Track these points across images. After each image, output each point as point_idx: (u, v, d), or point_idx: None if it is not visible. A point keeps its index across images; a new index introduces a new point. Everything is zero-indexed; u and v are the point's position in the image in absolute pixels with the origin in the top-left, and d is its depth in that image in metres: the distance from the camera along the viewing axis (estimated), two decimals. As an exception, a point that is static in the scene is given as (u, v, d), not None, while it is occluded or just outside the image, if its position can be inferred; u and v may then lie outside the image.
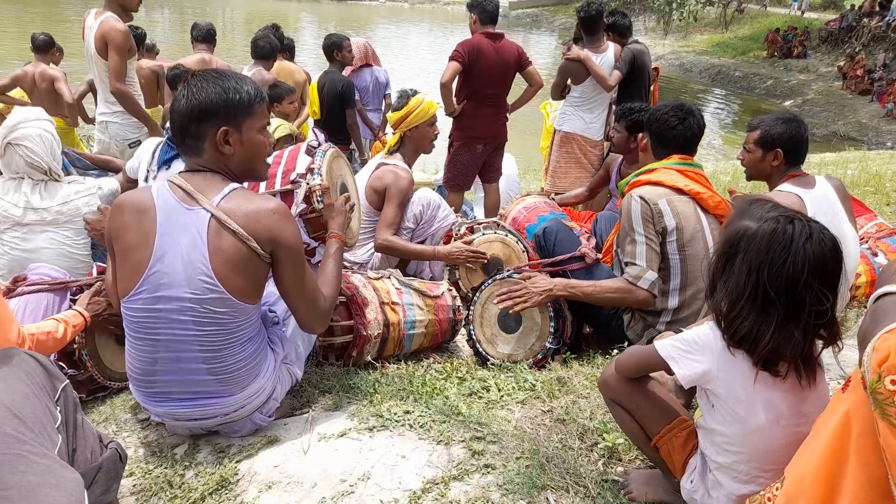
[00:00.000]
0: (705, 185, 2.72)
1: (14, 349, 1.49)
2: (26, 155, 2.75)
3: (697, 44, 24.30)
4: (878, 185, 5.87)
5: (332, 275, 2.16)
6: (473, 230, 3.35)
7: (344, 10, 37.65)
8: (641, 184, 2.70)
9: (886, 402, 1.06)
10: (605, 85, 4.87)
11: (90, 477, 1.42)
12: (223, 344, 1.88)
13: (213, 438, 2.08)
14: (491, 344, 2.84)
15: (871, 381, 1.09)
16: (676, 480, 1.75)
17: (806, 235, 1.44)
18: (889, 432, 1.06)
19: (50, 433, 1.33)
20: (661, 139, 2.81)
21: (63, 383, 1.48)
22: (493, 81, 4.57)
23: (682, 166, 2.74)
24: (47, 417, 1.36)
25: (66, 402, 1.45)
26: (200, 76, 1.90)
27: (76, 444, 1.43)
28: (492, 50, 4.50)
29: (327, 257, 2.22)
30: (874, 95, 15.20)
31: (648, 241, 2.56)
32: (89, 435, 1.50)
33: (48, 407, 1.38)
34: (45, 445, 1.28)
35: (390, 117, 3.43)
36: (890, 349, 1.07)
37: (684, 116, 2.77)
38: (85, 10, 4.61)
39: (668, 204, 2.59)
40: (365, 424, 2.08)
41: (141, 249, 1.84)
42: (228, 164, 1.93)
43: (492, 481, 1.81)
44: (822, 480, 1.22)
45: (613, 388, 1.80)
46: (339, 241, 2.28)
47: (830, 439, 1.23)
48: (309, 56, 15.95)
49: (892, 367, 1.06)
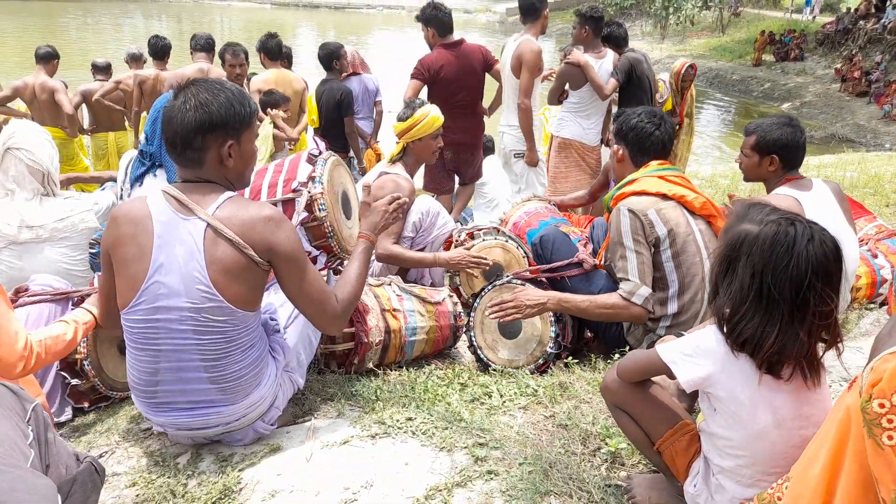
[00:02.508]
0: (688, 188, 2.73)
1: None
2: (27, 157, 2.74)
3: (694, 48, 24.37)
4: (877, 186, 5.88)
5: (353, 276, 2.13)
6: (474, 236, 3.35)
7: (342, 18, 37.78)
8: (626, 196, 2.69)
9: (873, 422, 1.10)
10: (601, 94, 4.87)
11: (65, 490, 1.40)
12: (224, 352, 1.88)
13: (215, 447, 2.08)
14: (492, 350, 2.84)
15: (863, 400, 1.12)
16: (680, 485, 1.74)
17: (808, 237, 1.45)
18: (874, 451, 1.09)
19: (22, 448, 1.33)
20: (640, 147, 2.80)
21: (33, 404, 1.47)
22: (461, 89, 4.59)
23: (662, 172, 2.75)
24: (18, 434, 1.35)
25: (37, 421, 1.45)
26: (202, 87, 1.88)
27: (49, 461, 1.43)
28: (454, 60, 4.53)
29: (353, 258, 2.21)
30: (871, 97, 15.24)
31: (639, 255, 2.56)
32: (62, 451, 1.49)
33: (18, 426, 1.38)
34: (17, 458, 1.28)
35: (396, 127, 3.43)
36: (885, 373, 1.10)
37: (659, 122, 2.79)
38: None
39: (657, 212, 2.59)
40: (367, 432, 2.08)
41: (138, 261, 1.84)
42: (227, 175, 1.94)
43: (495, 487, 1.81)
44: (824, 480, 1.24)
45: (615, 393, 1.80)
46: (368, 241, 2.26)
47: (833, 438, 1.24)
48: (308, 65, 15.99)
49: (881, 392, 1.09)
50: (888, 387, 1.09)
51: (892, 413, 1.08)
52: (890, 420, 1.08)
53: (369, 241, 2.27)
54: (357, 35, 28.32)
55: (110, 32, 23.85)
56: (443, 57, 4.55)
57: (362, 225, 2.31)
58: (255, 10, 37.62)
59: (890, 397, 1.08)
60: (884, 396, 1.09)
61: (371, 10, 41.08)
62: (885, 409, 1.09)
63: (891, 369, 1.10)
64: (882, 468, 1.09)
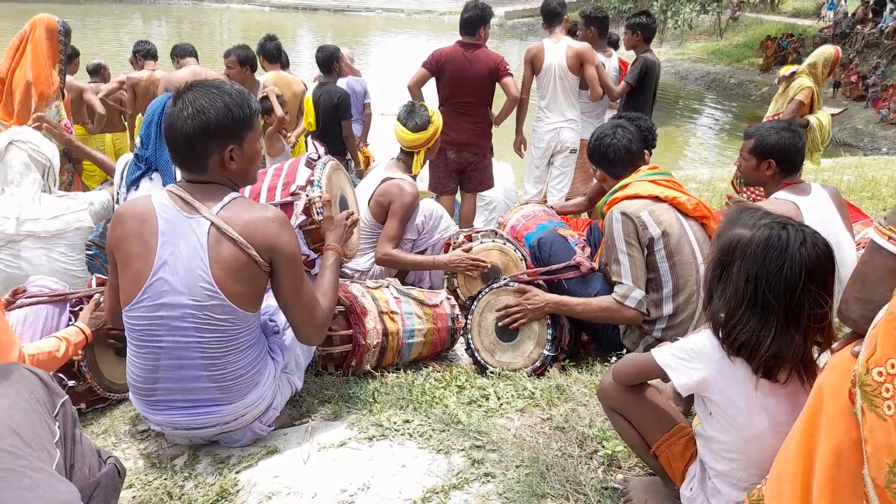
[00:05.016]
0: (679, 190, 2.77)
1: (15, 364, 1.50)
2: (31, 149, 2.81)
3: (692, 51, 24.40)
4: (874, 190, 5.90)
5: (328, 286, 2.16)
6: (472, 238, 3.36)
7: (341, 20, 37.78)
8: (620, 200, 2.74)
9: (874, 393, 1.11)
10: (611, 95, 4.95)
11: (88, 493, 1.42)
12: (224, 351, 1.89)
13: (212, 449, 2.08)
14: (489, 352, 2.85)
15: (860, 374, 1.13)
16: (676, 488, 1.75)
17: (800, 240, 1.46)
18: (877, 423, 1.10)
19: (48, 448, 1.34)
20: (607, 161, 2.90)
21: (62, 399, 1.48)
22: (465, 90, 4.61)
23: (653, 176, 2.81)
24: (45, 433, 1.36)
25: (65, 418, 1.46)
26: (200, 92, 1.88)
27: (74, 460, 1.44)
28: (463, 59, 4.55)
29: (324, 269, 2.23)
30: (869, 101, 15.25)
31: (633, 258, 2.59)
32: (87, 450, 1.51)
33: (47, 423, 1.39)
34: (43, 460, 1.28)
35: (414, 138, 3.41)
36: (876, 344, 1.12)
37: (613, 130, 2.89)
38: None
39: (650, 214, 2.62)
40: (364, 434, 2.08)
41: (142, 258, 1.86)
42: (231, 177, 1.95)
43: (492, 490, 1.81)
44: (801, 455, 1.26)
45: (612, 396, 1.81)
46: (336, 253, 2.29)
47: (804, 413, 1.29)
48: (308, 67, 15.99)
49: (877, 361, 1.11)
50: (882, 354, 1.11)
51: (889, 381, 1.09)
52: (888, 389, 1.09)
53: (337, 253, 2.29)
54: (352, 36, 28.32)
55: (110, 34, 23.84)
56: (453, 53, 4.59)
57: (329, 238, 2.32)
58: (253, 12, 37.61)
59: (885, 363, 1.10)
60: (880, 364, 1.10)
61: (370, 12, 41.10)
62: (883, 377, 1.10)
63: (881, 336, 1.12)
64: (882, 440, 1.09)
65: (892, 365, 1.09)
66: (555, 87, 4.94)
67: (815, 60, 5.00)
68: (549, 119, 5.05)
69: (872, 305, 1.22)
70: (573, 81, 4.92)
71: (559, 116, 5.02)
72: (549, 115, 5.04)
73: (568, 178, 5.20)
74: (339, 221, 2.36)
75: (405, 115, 3.44)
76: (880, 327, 1.13)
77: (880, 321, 1.14)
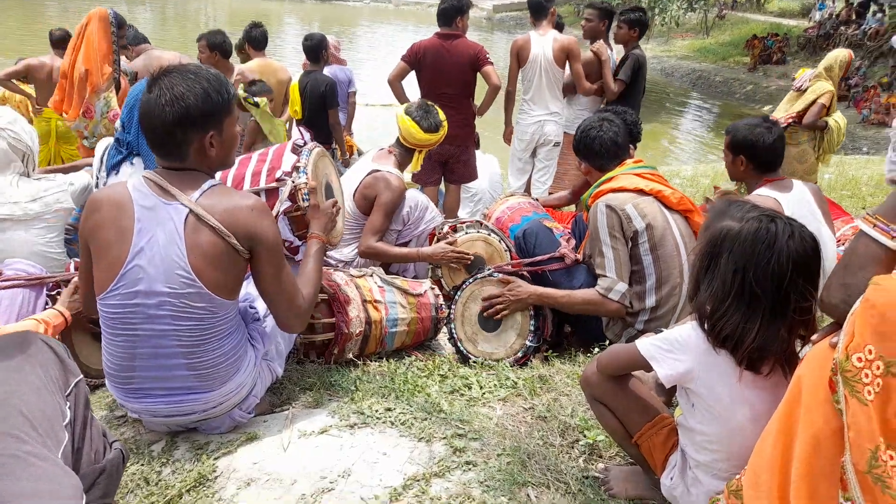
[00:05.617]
0: (664, 184, 2.79)
1: (34, 334, 1.44)
2: (10, 136, 2.75)
3: (679, 49, 24.54)
4: (854, 189, 5.98)
5: (311, 274, 2.14)
6: (456, 229, 3.35)
7: (328, 9, 37.50)
8: (604, 193, 2.74)
9: (854, 379, 1.12)
10: (609, 91, 4.94)
11: (91, 479, 1.37)
12: (202, 339, 1.86)
13: (191, 435, 2.06)
14: (472, 342, 2.85)
15: (841, 361, 1.14)
16: (656, 477, 1.76)
17: (788, 233, 1.47)
18: (858, 409, 1.11)
19: (56, 431, 1.29)
20: (592, 154, 2.90)
21: (77, 378, 1.44)
22: (445, 81, 4.60)
23: (638, 170, 2.82)
24: (56, 414, 1.31)
25: (77, 399, 1.41)
26: (177, 78, 1.82)
27: (81, 444, 1.39)
28: (442, 50, 4.54)
29: (307, 257, 2.20)
30: (850, 101, 15.43)
31: (617, 251, 2.60)
32: (96, 434, 1.46)
33: (58, 403, 1.34)
34: (49, 446, 1.24)
35: (425, 138, 3.38)
36: (854, 331, 1.14)
37: (599, 123, 2.89)
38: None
39: (635, 207, 2.63)
40: (346, 421, 2.07)
41: (118, 245, 1.82)
42: (210, 164, 1.92)
43: (473, 478, 1.81)
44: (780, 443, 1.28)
45: (595, 386, 1.81)
46: (321, 241, 2.26)
47: (783, 404, 1.30)
48: (294, 56, 15.87)
49: (856, 347, 1.13)
50: (860, 340, 1.12)
51: (867, 367, 1.11)
52: (867, 374, 1.11)
53: (321, 241, 2.27)
54: (339, 25, 28.13)
55: (92, 18, 23.41)
56: (431, 45, 4.58)
57: (314, 226, 2.30)
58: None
59: (863, 349, 1.12)
60: (858, 350, 1.12)
61: (357, 2, 40.84)
62: (862, 362, 1.12)
63: (858, 323, 1.14)
64: (863, 425, 1.11)
65: (869, 351, 1.11)
66: (539, 80, 4.94)
67: (830, 64, 5.06)
68: (533, 112, 5.05)
69: (852, 290, 1.23)
70: (558, 74, 4.93)
71: (543, 109, 5.03)
72: (533, 108, 5.05)
73: (551, 171, 5.20)
74: (324, 210, 2.34)
75: (420, 115, 3.38)
76: (857, 314, 1.14)
77: (857, 308, 1.15)
